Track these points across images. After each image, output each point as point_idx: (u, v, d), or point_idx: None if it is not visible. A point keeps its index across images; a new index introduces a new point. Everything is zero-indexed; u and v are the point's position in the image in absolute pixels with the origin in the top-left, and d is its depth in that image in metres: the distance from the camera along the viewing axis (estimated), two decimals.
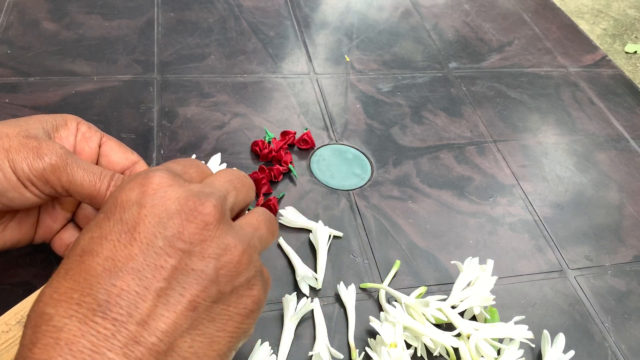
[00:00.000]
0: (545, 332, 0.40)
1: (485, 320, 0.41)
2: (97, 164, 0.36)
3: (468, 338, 0.38)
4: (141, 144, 0.50)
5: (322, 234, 0.44)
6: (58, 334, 0.20)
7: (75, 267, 0.23)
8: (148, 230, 0.23)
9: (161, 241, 0.23)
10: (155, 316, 0.22)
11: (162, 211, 0.24)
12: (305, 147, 0.53)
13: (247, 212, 0.30)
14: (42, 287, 0.23)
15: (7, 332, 0.28)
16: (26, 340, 0.21)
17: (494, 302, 0.40)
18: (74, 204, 0.36)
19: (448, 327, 0.40)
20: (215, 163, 0.37)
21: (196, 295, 0.23)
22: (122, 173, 0.36)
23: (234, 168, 0.30)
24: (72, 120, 0.35)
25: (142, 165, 0.37)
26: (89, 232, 0.24)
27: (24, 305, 0.29)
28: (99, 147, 0.36)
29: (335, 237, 0.46)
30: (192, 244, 0.23)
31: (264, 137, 0.53)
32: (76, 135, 0.35)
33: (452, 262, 0.43)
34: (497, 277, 0.42)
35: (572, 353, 0.40)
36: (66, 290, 0.22)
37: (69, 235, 0.36)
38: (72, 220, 0.37)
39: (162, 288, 0.22)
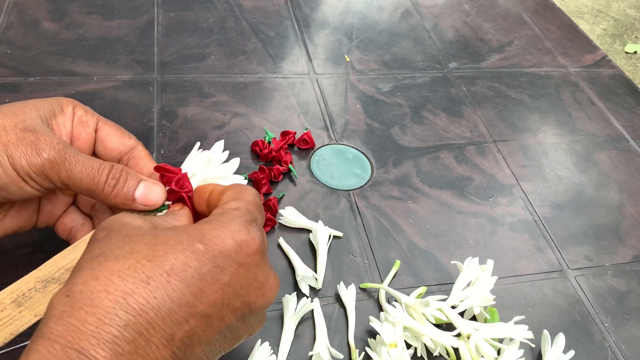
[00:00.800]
0: (545, 332, 0.40)
1: (485, 320, 0.41)
2: (94, 149, 0.36)
3: (468, 338, 0.38)
4: None
5: (322, 234, 0.44)
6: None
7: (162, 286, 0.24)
8: (234, 290, 0.26)
9: (239, 303, 0.26)
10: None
11: (248, 279, 0.27)
12: (305, 147, 0.53)
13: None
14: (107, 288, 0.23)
15: (2, 310, 0.27)
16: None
17: (494, 302, 0.40)
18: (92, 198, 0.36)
19: (448, 327, 0.40)
20: (218, 150, 0.38)
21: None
22: (120, 159, 0.36)
23: (249, 187, 0.31)
24: (68, 105, 0.35)
25: (140, 150, 0.36)
26: (182, 253, 0.25)
27: (20, 285, 0.29)
28: (95, 131, 0.36)
29: (335, 237, 0.46)
30: (256, 309, 0.28)
31: (264, 137, 0.53)
32: (73, 120, 0.35)
33: (452, 262, 0.43)
34: (497, 277, 0.42)
35: (572, 353, 0.40)
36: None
37: (70, 219, 0.36)
38: (74, 203, 0.37)
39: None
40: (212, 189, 0.32)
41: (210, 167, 0.37)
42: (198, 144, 0.38)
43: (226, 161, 0.38)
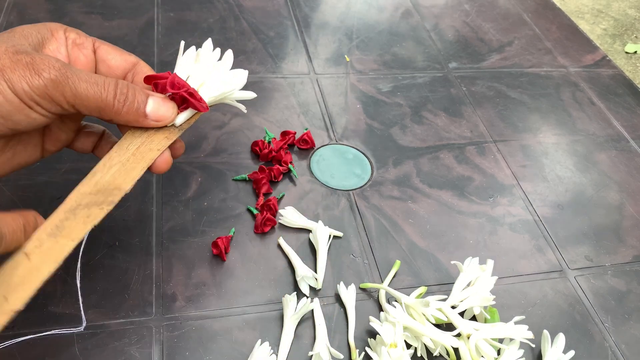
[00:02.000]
0: (545, 332, 0.40)
1: (486, 320, 0.41)
2: (95, 71, 0.35)
3: (468, 338, 0.38)
4: None
5: (322, 234, 0.44)
6: None
7: None
8: None
9: None
10: None
11: None
12: (305, 147, 0.53)
13: None
14: None
15: (41, 246, 0.28)
16: None
17: (494, 302, 0.40)
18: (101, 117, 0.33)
19: (448, 327, 0.40)
20: (208, 47, 0.37)
21: None
22: (124, 77, 0.35)
23: None
24: (57, 29, 0.33)
25: (143, 66, 0.35)
26: None
27: (51, 221, 0.29)
28: (94, 52, 0.34)
29: (335, 237, 0.46)
30: None
31: (264, 137, 0.53)
32: (66, 44, 0.33)
33: (452, 262, 0.43)
34: (497, 277, 0.42)
35: (572, 353, 0.40)
36: None
37: (88, 139, 0.36)
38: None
39: None
40: None
41: (202, 65, 0.35)
42: (182, 43, 0.36)
43: (220, 59, 0.37)
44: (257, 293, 0.41)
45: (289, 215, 0.46)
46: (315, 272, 0.42)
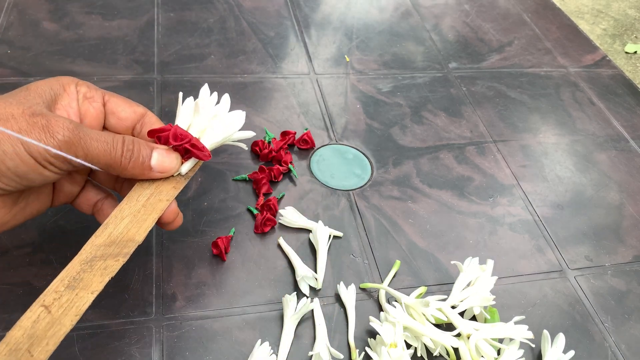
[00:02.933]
0: (545, 332, 0.40)
1: (485, 320, 0.41)
2: (105, 122, 0.36)
3: (468, 338, 0.38)
4: None
5: (322, 234, 0.44)
6: None
7: None
8: None
9: None
10: None
11: None
12: (305, 147, 0.53)
13: None
14: None
15: (60, 298, 0.29)
16: None
17: (494, 302, 0.40)
18: (109, 172, 0.36)
19: (448, 327, 0.40)
20: (205, 94, 0.38)
21: None
22: (133, 128, 0.36)
23: None
24: (69, 84, 0.35)
25: (151, 116, 0.37)
26: None
27: (67, 272, 0.30)
28: (104, 105, 0.36)
29: (335, 237, 0.46)
30: None
31: (264, 137, 0.53)
32: (77, 98, 0.35)
33: (452, 262, 0.43)
34: (497, 277, 0.42)
35: (572, 353, 0.40)
36: None
37: (93, 194, 0.37)
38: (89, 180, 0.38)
39: None
40: None
41: (201, 113, 0.37)
42: (181, 94, 0.38)
43: (218, 103, 0.38)
44: (257, 293, 0.41)
45: (289, 215, 0.46)
46: (315, 272, 0.42)
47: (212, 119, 0.37)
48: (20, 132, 0.29)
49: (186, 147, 0.34)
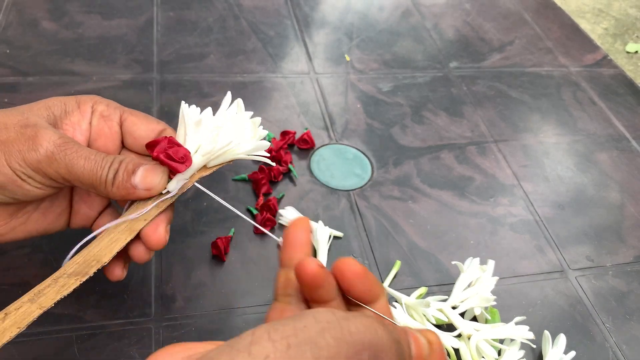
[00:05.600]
0: (546, 332, 0.40)
1: (486, 321, 0.40)
2: (122, 143, 0.35)
3: (469, 339, 0.38)
4: None
5: (322, 234, 0.44)
6: None
7: None
8: None
9: None
10: None
11: None
12: (305, 147, 0.53)
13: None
14: None
15: (19, 308, 0.28)
16: None
17: (494, 303, 0.40)
18: (97, 194, 0.34)
19: (449, 327, 0.40)
20: (224, 105, 0.34)
21: None
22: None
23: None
24: (86, 102, 0.33)
25: (168, 133, 0.34)
26: None
27: (40, 285, 0.29)
28: (121, 125, 0.34)
29: (335, 237, 0.46)
30: None
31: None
32: (91, 118, 0.33)
33: (453, 262, 0.42)
34: (497, 278, 0.42)
35: (573, 354, 0.40)
36: None
37: (107, 221, 0.35)
38: (110, 203, 0.36)
39: None
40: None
41: (201, 127, 0.33)
42: (183, 103, 0.34)
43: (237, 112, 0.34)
44: (257, 293, 0.41)
45: (289, 215, 0.46)
46: None
47: (207, 128, 0.33)
48: (6, 142, 0.29)
49: (162, 158, 0.31)
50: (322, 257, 0.43)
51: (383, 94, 0.62)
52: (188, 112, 0.33)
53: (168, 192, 0.32)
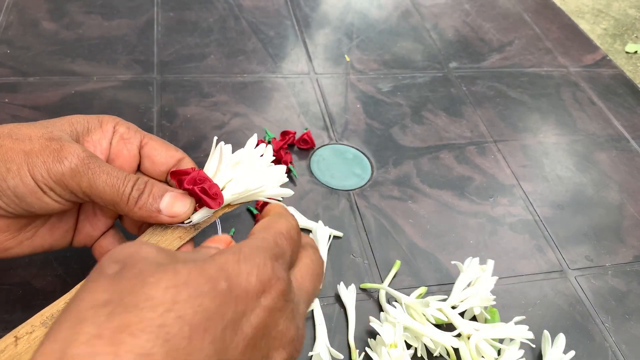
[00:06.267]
0: (546, 332, 0.40)
1: (486, 321, 0.40)
2: (139, 166, 0.35)
3: (468, 338, 0.38)
4: None
5: (322, 234, 0.44)
6: None
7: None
8: (255, 343, 0.21)
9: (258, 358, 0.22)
10: None
11: (269, 327, 0.22)
12: (305, 147, 0.53)
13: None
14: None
15: (31, 332, 0.28)
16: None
17: (494, 303, 0.40)
18: (116, 211, 0.34)
19: (448, 327, 0.40)
20: (251, 147, 0.35)
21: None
22: (169, 171, 0.34)
23: (286, 215, 0.27)
24: (108, 122, 0.34)
25: (187, 162, 0.34)
26: (207, 296, 0.20)
27: (52, 308, 0.29)
28: (140, 149, 0.34)
29: (335, 237, 0.46)
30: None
31: (264, 137, 0.53)
32: (112, 138, 0.34)
33: (453, 262, 0.42)
34: (497, 278, 0.42)
35: (572, 353, 0.40)
36: None
37: (107, 242, 0.35)
38: (114, 225, 0.36)
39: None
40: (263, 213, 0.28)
41: (225, 162, 0.34)
42: (216, 139, 0.34)
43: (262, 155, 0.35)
44: None
45: None
46: None
47: (243, 168, 0.34)
48: (30, 153, 0.29)
49: (196, 191, 0.31)
50: (322, 257, 0.43)
51: (383, 94, 0.62)
52: (226, 150, 0.33)
53: (190, 221, 0.32)
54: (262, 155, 0.35)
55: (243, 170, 0.34)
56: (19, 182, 0.29)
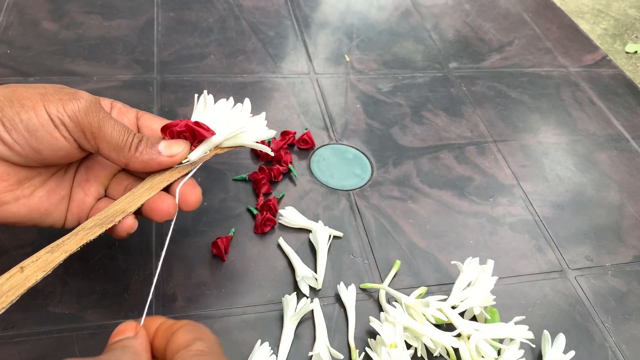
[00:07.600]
0: (546, 332, 0.40)
1: (486, 321, 0.40)
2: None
3: (468, 338, 0.38)
4: None
5: (322, 234, 0.44)
6: None
7: None
8: None
9: None
10: None
11: None
12: (305, 147, 0.53)
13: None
14: None
15: (36, 260, 0.30)
16: None
17: (494, 303, 0.40)
18: (107, 177, 0.37)
19: (448, 327, 0.40)
20: (225, 101, 0.39)
21: None
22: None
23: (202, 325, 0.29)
24: (105, 99, 0.36)
25: None
26: None
27: (56, 241, 0.30)
28: (137, 120, 0.37)
29: (335, 237, 0.46)
30: None
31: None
32: (110, 111, 0.36)
33: (453, 262, 0.43)
34: (497, 278, 0.42)
35: (572, 353, 0.40)
36: None
37: (101, 209, 0.36)
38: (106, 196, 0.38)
39: None
40: (160, 323, 0.29)
41: (216, 111, 0.37)
42: (197, 95, 0.38)
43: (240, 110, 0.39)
44: (257, 293, 0.41)
45: (289, 215, 0.46)
46: (315, 272, 0.42)
47: (225, 115, 0.37)
48: (46, 95, 0.31)
49: (191, 126, 0.35)
50: (322, 257, 0.43)
51: (383, 94, 0.62)
52: (209, 98, 0.37)
53: (188, 161, 0.35)
54: (241, 111, 0.39)
55: (226, 116, 0.37)
56: (32, 115, 0.30)
